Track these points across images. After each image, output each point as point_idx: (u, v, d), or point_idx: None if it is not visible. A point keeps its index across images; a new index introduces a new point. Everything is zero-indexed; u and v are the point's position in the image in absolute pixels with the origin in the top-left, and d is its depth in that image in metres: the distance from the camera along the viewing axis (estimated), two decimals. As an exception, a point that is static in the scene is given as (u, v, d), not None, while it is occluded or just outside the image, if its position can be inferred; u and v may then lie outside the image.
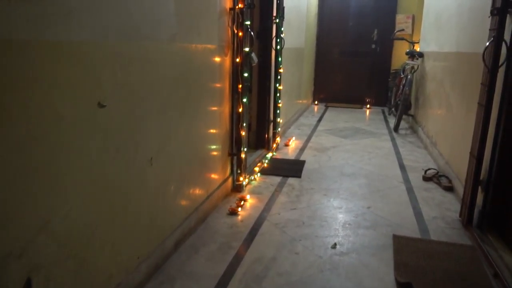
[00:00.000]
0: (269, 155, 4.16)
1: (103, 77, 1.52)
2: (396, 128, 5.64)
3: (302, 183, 3.45)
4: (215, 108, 2.77)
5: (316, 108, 7.74)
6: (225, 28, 2.82)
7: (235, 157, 3.16)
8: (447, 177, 3.51)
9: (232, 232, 2.52)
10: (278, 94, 4.36)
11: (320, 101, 8.19)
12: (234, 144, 3.14)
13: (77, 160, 1.42)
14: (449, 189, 3.35)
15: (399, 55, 7.69)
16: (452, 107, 3.75)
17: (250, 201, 3.01)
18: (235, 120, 3.10)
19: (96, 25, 1.46)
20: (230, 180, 3.16)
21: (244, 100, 3.07)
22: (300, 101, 6.63)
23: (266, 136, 4.32)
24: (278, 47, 4.23)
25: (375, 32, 7.81)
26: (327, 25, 8.05)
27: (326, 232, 2.55)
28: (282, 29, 4.26)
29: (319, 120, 6.43)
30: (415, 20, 7.44)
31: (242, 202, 2.92)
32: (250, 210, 2.85)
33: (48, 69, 1.26)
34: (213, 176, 2.85)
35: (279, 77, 4.34)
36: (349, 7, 7.90)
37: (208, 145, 2.72)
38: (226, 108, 2.98)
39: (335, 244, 2.40)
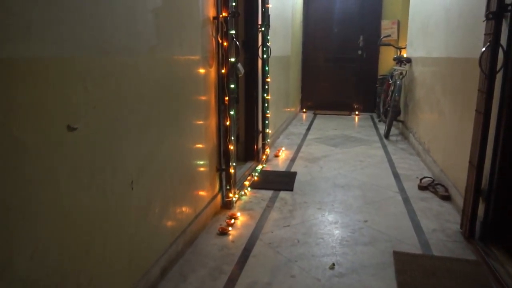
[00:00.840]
0: (259, 167, 4.01)
1: (72, 97, 1.36)
2: (386, 135, 5.55)
3: (295, 196, 3.30)
4: (201, 122, 2.62)
5: (304, 116, 7.64)
6: (209, 38, 2.68)
7: (223, 173, 3.00)
8: (443, 186, 3.40)
9: (223, 254, 2.35)
10: (266, 104, 4.23)
11: (308, 108, 8.09)
12: (222, 159, 2.98)
13: (41, 192, 1.25)
14: (446, 198, 3.23)
15: (386, 61, 7.66)
16: (445, 113, 3.66)
17: (241, 218, 2.85)
18: (223, 133, 2.95)
19: (62, 39, 1.30)
20: (219, 196, 3.00)
21: (232, 112, 2.93)
22: (288, 109, 6.52)
23: (255, 147, 4.18)
24: (265, 56, 4.10)
25: (361, 38, 7.76)
26: (312, 32, 7.98)
27: (323, 251, 2.41)
28: (268, 37, 4.14)
29: (308, 128, 6.31)
30: (400, 26, 7.42)
31: (232, 221, 2.76)
32: (241, 229, 2.69)
33: (2, 91, 1.09)
34: (201, 193, 2.69)
35: (266, 86, 4.22)
36: (333, 14, 7.85)
37: (194, 161, 2.56)
38: (213, 122, 2.83)
39: (333, 264, 2.25)
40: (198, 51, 2.51)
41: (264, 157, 4.27)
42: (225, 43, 2.82)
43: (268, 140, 4.40)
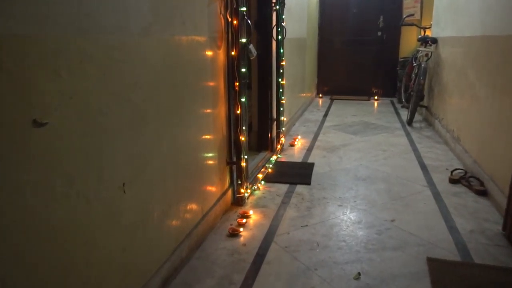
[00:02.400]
0: (274, 158, 3.73)
1: (40, 84, 1.09)
2: (410, 122, 5.19)
3: (313, 191, 3.02)
4: (208, 111, 2.34)
5: (320, 101, 7.29)
6: (217, 16, 2.37)
7: (234, 166, 2.73)
8: (477, 179, 3.06)
9: (233, 261, 2.09)
10: (281, 90, 3.92)
11: (324, 93, 7.73)
12: (232, 151, 2.71)
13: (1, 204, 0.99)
14: (482, 193, 2.91)
15: (408, 42, 7.23)
16: (480, 98, 3.30)
17: (253, 217, 2.59)
18: (233, 123, 2.66)
19: (25, 13, 1.02)
20: (229, 192, 2.73)
21: (243, 99, 2.64)
22: (304, 95, 6.19)
23: (269, 136, 3.89)
24: (279, 37, 3.77)
25: (381, 18, 7.32)
26: (329, 13, 7.56)
27: (346, 256, 2.13)
28: (283, 17, 3.80)
29: (325, 114, 5.98)
30: (424, 4, 6.95)
31: (244, 220, 2.50)
32: (254, 230, 2.42)
33: None
34: (210, 190, 2.43)
35: (281, 70, 3.90)
36: (352, -8, 7.42)
37: (201, 155, 2.29)
38: (222, 110, 2.55)
39: (359, 274, 1.97)
40: (204, 31, 2.21)
41: (278, 146, 3.98)
42: (235, 22, 2.51)
43: (283, 129, 4.10)
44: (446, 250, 2.19)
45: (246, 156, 2.74)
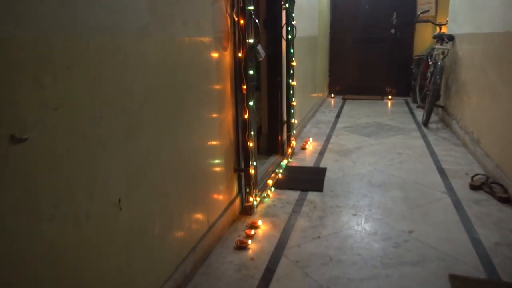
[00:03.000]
0: (284, 162, 3.59)
1: (18, 95, 0.97)
2: (426, 122, 4.99)
3: (325, 198, 2.87)
4: (214, 116, 2.22)
5: (332, 101, 7.12)
6: (222, 15, 2.24)
7: (242, 173, 2.60)
8: (501, 185, 2.88)
9: (240, 277, 1.96)
10: (291, 91, 3.77)
11: (336, 93, 7.55)
12: (240, 157, 2.58)
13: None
14: (506, 200, 2.73)
15: (423, 39, 7.02)
16: (501, 98, 3.11)
17: (262, 227, 2.45)
18: (241, 128, 2.53)
19: (4, 14, 0.91)
20: (237, 201, 2.60)
21: (251, 103, 2.50)
22: (316, 95, 6.02)
23: (280, 139, 3.75)
24: (289, 36, 3.63)
25: (394, 15, 7.12)
26: (341, 10, 7.38)
27: (362, 272, 1.98)
28: (293, 15, 3.65)
29: (338, 115, 5.81)
30: (439, 0, 6.73)
31: (252, 231, 2.36)
32: (263, 242, 2.29)
33: None
34: (216, 199, 2.30)
35: (291, 71, 3.75)
36: (364, -11, 7.22)
37: (207, 162, 2.16)
38: (229, 114, 2.42)
39: (376, 293, 1.83)
40: (208, 31, 2.08)
41: (289, 150, 3.84)
42: (242, 21, 2.38)
43: (294, 132, 3.95)
44: (470, 266, 2.02)
45: (255, 163, 2.60)
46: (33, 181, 1.02)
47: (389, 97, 7.17)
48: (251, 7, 2.42)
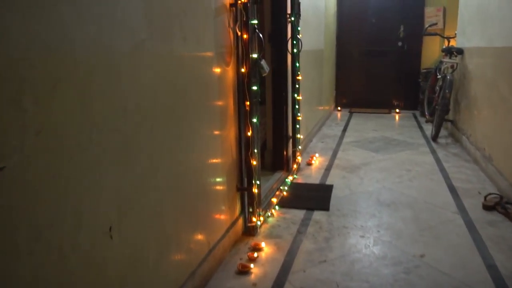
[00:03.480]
0: (289, 179, 3.48)
1: (-5, 120, 0.89)
2: (435, 137, 4.87)
3: (331, 218, 2.76)
4: (216, 133, 2.13)
5: (339, 114, 7.02)
6: (224, 29, 2.17)
7: (245, 192, 2.50)
8: (516, 206, 2.76)
9: (241, 305, 1.85)
10: (297, 106, 3.68)
11: (343, 106, 7.45)
12: (243, 176, 2.48)
13: None
14: (522, 222, 2.60)
15: (430, 52, 6.93)
16: (515, 115, 3.00)
17: (266, 250, 2.34)
18: (244, 145, 2.44)
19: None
20: (240, 221, 2.50)
21: (254, 120, 2.41)
22: (322, 108, 5.93)
23: (285, 155, 3.65)
24: (295, 50, 3.55)
25: (401, 28, 7.04)
26: (348, 23, 7.31)
27: (370, 302, 1.86)
28: (299, 28, 3.59)
29: (344, 129, 5.71)
30: (447, 13, 6.66)
31: (255, 254, 2.25)
32: (266, 266, 2.18)
33: None
34: (217, 220, 2.20)
35: (297, 85, 3.67)
36: (370, 2, 7.15)
37: (208, 181, 2.07)
38: (231, 132, 2.33)
39: (386, 325, 1.70)
40: (210, 46, 2.00)
41: (295, 166, 3.73)
42: (245, 36, 2.30)
43: (300, 147, 3.85)
44: (487, 295, 1.90)
45: (258, 182, 2.50)
46: (9, 213, 0.93)
47: (397, 110, 7.06)
48: (255, 21, 2.34)
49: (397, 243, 2.39)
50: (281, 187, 3.24)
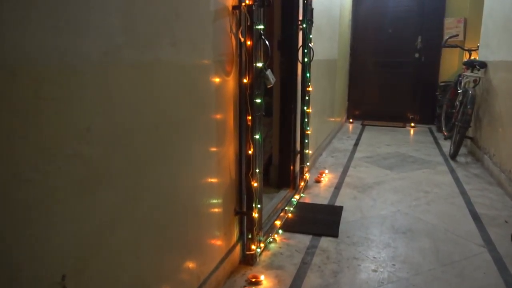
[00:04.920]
0: (296, 198, 3.22)
1: None
2: (454, 155, 4.56)
3: (340, 246, 2.48)
4: (212, 151, 1.88)
5: (351, 127, 6.73)
6: (225, 34, 1.93)
7: (244, 217, 2.24)
8: (550, 240, 2.45)
9: None
10: (306, 119, 3.42)
11: (355, 118, 7.16)
12: (243, 199, 2.22)
13: None
14: (559, 261, 2.29)
15: (449, 65, 6.63)
16: (549, 137, 2.70)
17: (265, 283, 2.07)
18: (245, 164, 2.19)
19: None
20: (238, 248, 2.24)
21: (257, 136, 2.16)
22: (333, 119, 5.65)
23: (292, 172, 3.39)
24: (306, 59, 3.30)
25: (419, 39, 6.74)
26: (363, 33, 7.04)
27: None
28: (311, 36, 3.33)
29: (356, 143, 5.42)
30: (468, 24, 6.36)
31: (253, 289, 1.99)
32: (264, 304, 1.91)
33: None
34: (211, 248, 1.94)
35: (307, 97, 3.41)
36: (387, 12, 6.87)
37: (201, 205, 1.82)
38: (230, 149, 2.08)
39: None
40: (207, 54, 1.76)
41: (302, 183, 3.46)
42: (249, 43, 2.05)
43: (308, 164, 3.58)
44: None
45: (259, 205, 2.24)
46: None
47: (412, 124, 6.74)
48: (261, 26, 2.10)
49: (416, 281, 2.10)
50: (286, 208, 2.97)
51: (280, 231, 2.65)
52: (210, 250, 1.95)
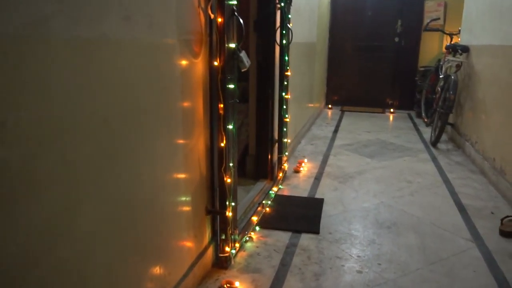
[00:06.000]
0: (274, 190, 3.02)
1: None
2: (435, 142, 4.44)
3: (322, 244, 2.30)
4: (178, 143, 1.64)
5: (330, 113, 6.56)
6: (192, 10, 1.67)
7: (217, 216, 2.02)
8: (539, 233, 2.33)
9: None
10: (284, 106, 3.20)
11: (334, 104, 6.98)
12: (215, 197, 2.00)
13: None
14: (550, 256, 2.17)
15: (429, 50, 6.51)
16: (538, 124, 2.57)
17: (240, 289, 1.88)
18: (217, 158, 1.96)
19: None
20: (210, 250, 2.02)
21: (230, 126, 1.93)
22: (312, 105, 5.45)
23: (269, 162, 3.18)
24: (284, 41, 3.06)
25: (399, 23, 6.58)
26: (342, 15, 6.82)
27: None
28: (290, 17, 3.09)
29: (335, 130, 5.25)
30: (447, 8, 6.23)
31: (226, 297, 1.79)
32: (238, 315, 1.71)
33: None
34: (179, 253, 1.73)
35: (285, 82, 3.18)
36: (367, -6, 6.68)
37: (166, 204, 1.59)
38: (200, 142, 1.84)
39: None
40: (170, 32, 1.51)
41: (280, 174, 3.26)
42: (220, 20, 1.80)
43: (286, 153, 3.38)
44: None
45: (233, 203, 2.02)
46: None
47: (391, 110, 6.63)
48: (234, 2, 1.85)
49: (403, 283, 1.94)
50: (263, 201, 2.77)
51: (257, 228, 2.45)
52: (179, 255, 1.73)
